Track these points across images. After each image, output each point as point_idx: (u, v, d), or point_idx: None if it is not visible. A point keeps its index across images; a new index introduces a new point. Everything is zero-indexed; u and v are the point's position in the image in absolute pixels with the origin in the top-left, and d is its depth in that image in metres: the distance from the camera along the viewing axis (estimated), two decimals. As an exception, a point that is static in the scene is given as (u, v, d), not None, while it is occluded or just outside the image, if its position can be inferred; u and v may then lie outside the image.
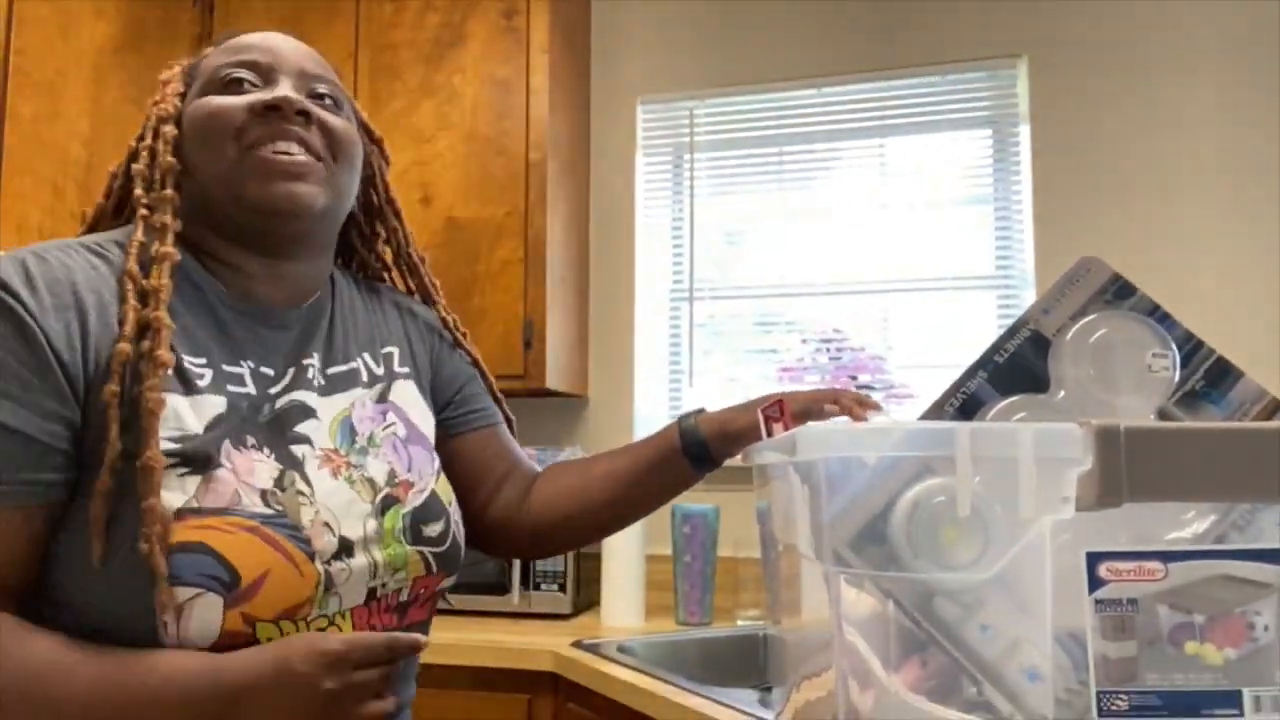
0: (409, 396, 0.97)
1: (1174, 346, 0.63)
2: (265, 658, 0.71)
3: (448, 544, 0.89)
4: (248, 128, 0.82)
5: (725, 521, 2.19)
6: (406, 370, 0.98)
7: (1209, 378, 0.65)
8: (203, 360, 0.80)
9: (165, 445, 0.73)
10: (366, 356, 0.95)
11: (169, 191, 0.83)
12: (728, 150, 2.64)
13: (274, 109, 0.83)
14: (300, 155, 0.83)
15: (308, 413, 0.85)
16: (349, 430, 0.87)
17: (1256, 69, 2.28)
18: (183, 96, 0.90)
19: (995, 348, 0.66)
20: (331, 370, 0.90)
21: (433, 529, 0.88)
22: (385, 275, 1.08)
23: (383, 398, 0.93)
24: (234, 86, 0.85)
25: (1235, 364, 0.65)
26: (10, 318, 0.72)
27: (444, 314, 1.07)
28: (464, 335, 1.08)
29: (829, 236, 2.56)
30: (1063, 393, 0.64)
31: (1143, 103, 2.34)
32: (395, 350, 0.98)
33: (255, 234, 0.85)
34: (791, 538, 0.71)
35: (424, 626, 0.90)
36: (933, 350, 2.42)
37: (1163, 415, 0.62)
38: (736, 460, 1.02)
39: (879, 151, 2.56)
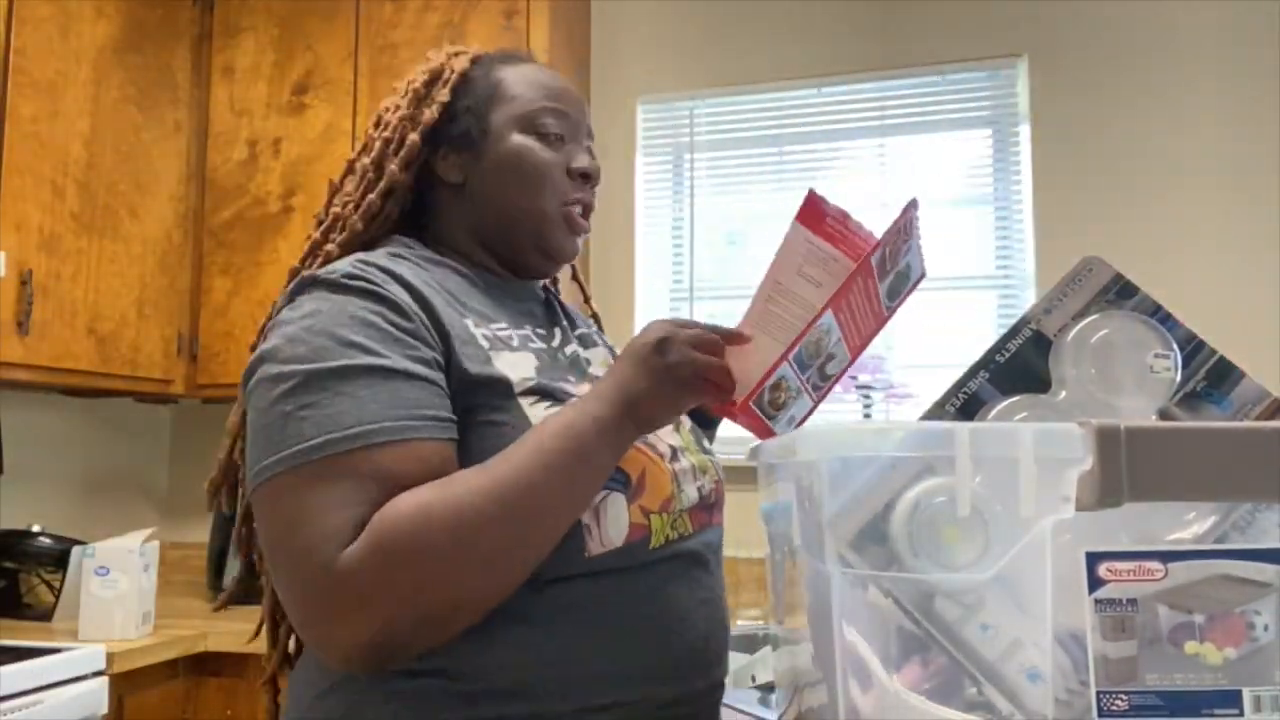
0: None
1: (1176, 347, 0.63)
2: (612, 368, 0.82)
3: (712, 455, 1.00)
4: (566, 189, 0.94)
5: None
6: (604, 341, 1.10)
7: (1211, 378, 0.65)
8: (503, 325, 0.90)
9: (523, 385, 0.83)
10: (580, 320, 1.08)
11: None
12: (728, 150, 2.64)
13: (586, 177, 0.96)
14: (585, 218, 0.97)
15: (585, 361, 0.98)
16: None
17: (1256, 69, 2.28)
18: (457, 91, 0.96)
19: (996, 347, 0.66)
20: (577, 331, 1.03)
21: (706, 440, 1.01)
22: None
23: (611, 352, 1.06)
24: (548, 136, 0.94)
25: (1237, 364, 0.65)
26: (368, 293, 0.81)
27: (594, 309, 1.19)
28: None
29: (829, 236, 2.56)
30: (1064, 393, 0.64)
31: (1143, 102, 2.34)
32: (594, 331, 1.10)
33: (524, 266, 0.97)
34: (793, 538, 0.71)
35: (721, 530, 0.97)
36: (933, 350, 2.42)
37: (1164, 416, 0.62)
38: (739, 459, 1.02)
39: (879, 151, 2.56)
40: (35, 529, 2.31)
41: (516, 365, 0.84)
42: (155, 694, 2.02)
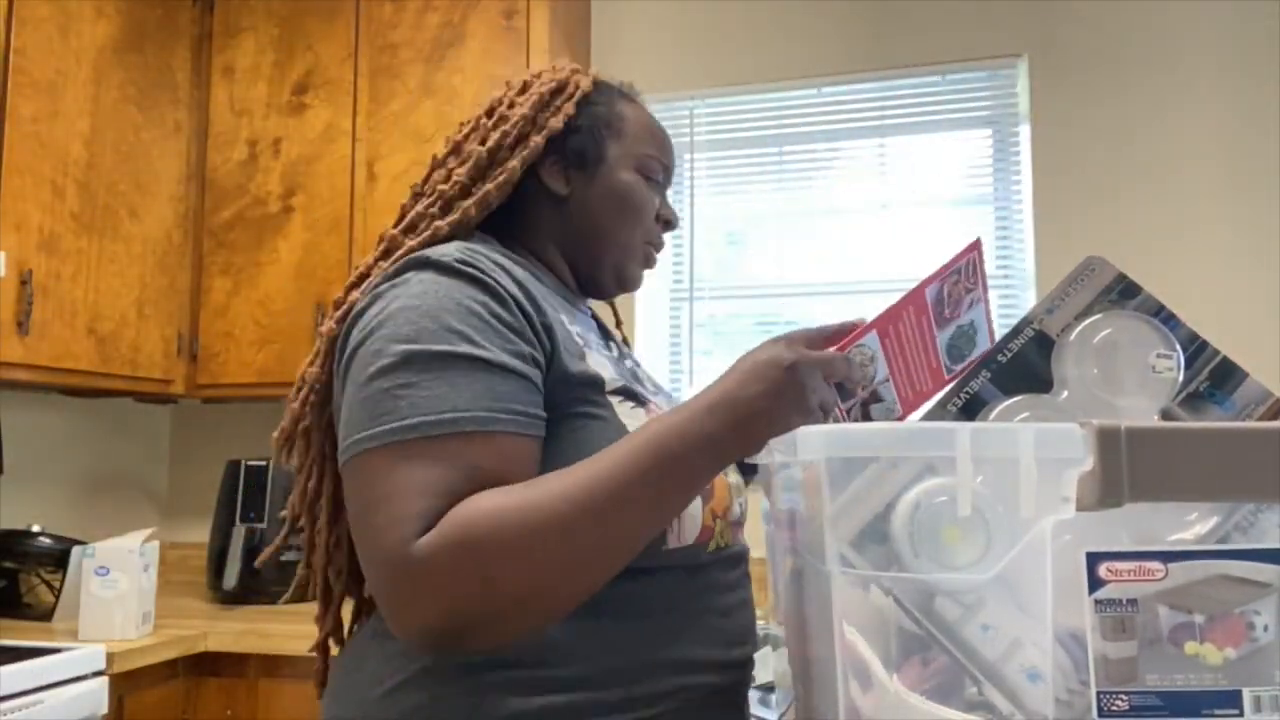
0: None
1: (1178, 347, 0.63)
2: (735, 365, 0.80)
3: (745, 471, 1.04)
4: (652, 231, 1.02)
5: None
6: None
7: (1213, 378, 0.65)
8: (579, 329, 0.92)
9: (613, 384, 0.86)
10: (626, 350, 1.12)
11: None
12: (728, 150, 2.64)
13: (669, 225, 1.04)
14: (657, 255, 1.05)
15: (640, 372, 1.03)
16: (654, 383, 1.06)
17: (1256, 68, 2.28)
18: (579, 108, 1.00)
19: (999, 347, 0.66)
20: (624, 351, 1.07)
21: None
22: None
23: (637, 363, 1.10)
24: (653, 182, 1.02)
25: (1240, 365, 0.65)
26: (477, 282, 0.82)
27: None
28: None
29: (829, 236, 2.56)
30: (1066, 393, 0.64)
31: (1143, 102, 2.34)
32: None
33: (594, 287, 1.03)
34: (793, 537, 0.71)
35: (747, 546, 0.99)
36: (933, 350, 2.41)
37: (1166, 416, 0.62)
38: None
39: (879, 151, 2.56)
40: (35, 529, 2.31)
41: (604, 366, 0.88)
42: (155, 694, 2.02)
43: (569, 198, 0.98)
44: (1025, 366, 0.66)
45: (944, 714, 0.53)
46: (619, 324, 1.19)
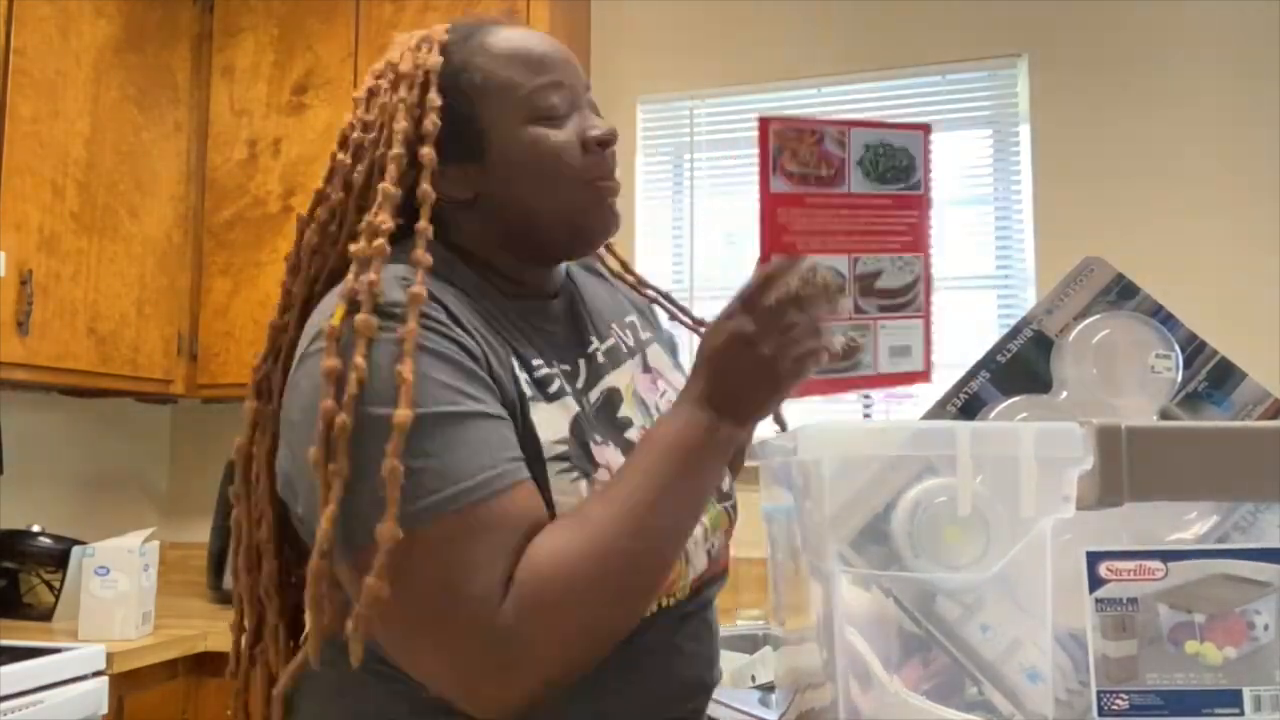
0: (663, 361, 0.99)
1: (1177, 347, 0.63)
2: (701, 357, 0.75)
3: (733, 497, 0.95)
4: (587, 166, 0.84)
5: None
6: (649, 335, 1.01)
7: (1212, 379, 0.65)
8: (540, 363, 0.83)
9: (553, 450, 0.78)
10: (616, 329, 0.97)
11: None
12: (728, 150, 2.64)
13: (604, 145, 0.85)
14: (612, 180, 0.87)
15: (618, 396, 0.89)
16: (641, 403, 0.91)
17: (1257, 68, 2.28)
18: (425, 96, 0.84)
19: (998, 347, 0.66)
20: (606, 344, 0.93)
21: (724, 485, 0.93)
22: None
23: (646, 366, 0.96)
24: (553, 117, 0.84)
25: (1238, 365, 0.65)
26: (440, 332, 0.75)
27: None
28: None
29: (829, 236, 2.56)
30: (1065, 393, 0.64)
31: (1143, 102, 2.34)
32: (634, 318, 1.01)
33: (566, 253, 0.89)
34: (794, 537, 0.71)
35: (725, 575, 0.94)
36: (933, 350, 2.41)
37: (1165, 416, 0.62)
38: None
39: (879, 151, 2.56)
40: (35, 529, 2.31)
41: (552, 421, 0.80)
42: (155, 694, 2.02)
43: (478, 198, 0.85)
44: (1024, 367, 0.66)
45: (944, 714, 0.53)
46: (625, 268, 1.06)
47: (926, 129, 0.84)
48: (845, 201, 0.81)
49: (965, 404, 0.66)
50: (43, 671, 1.73)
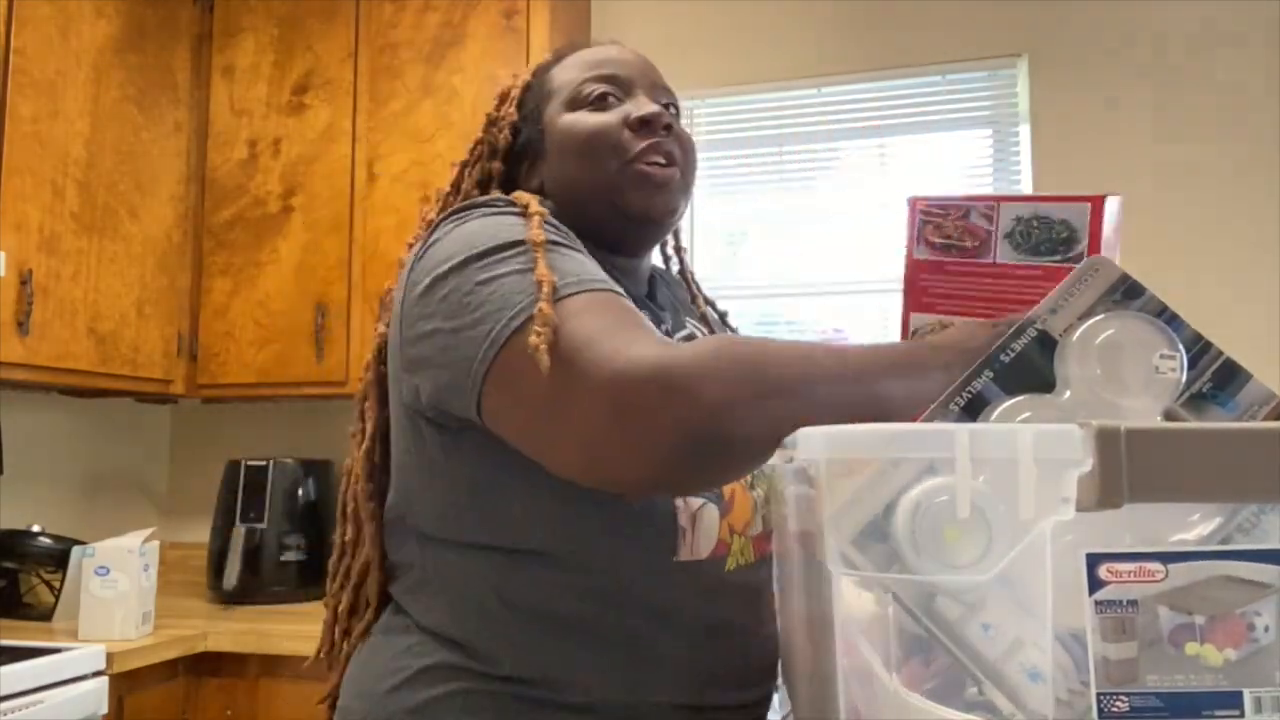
0: None
1: (1182, 348, 0.63)
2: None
3: None
4: (626, 143, 0.88)
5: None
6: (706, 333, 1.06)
7: (1217, 379, 0.65)
8: None
9: None
10: (690, 322, 1.02)
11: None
12: (728, 150, 2.64)
13: (647, 123, 0.88)
14: (668, 167, 0.90)
15: None
16: None
17: (1256, 68, 2.28)
18: (520, 105, 0.96)
19: (1001, 347, 0.66)
20: (678, 337, 0.97)
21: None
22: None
23: None
24: (600, 102, 0.90)
25: (1243, 366, 0.65)
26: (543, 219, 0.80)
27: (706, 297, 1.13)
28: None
29: (829, 236, 2.56)
30: (1069, 393, 0.64)
31: (1142, 102, 2.34)
32: (696, 321, 1.05)
33: (621, 238, 0.92)
34: (795, 536, 0.71)
35: (773, 556, 0.94)
36: (933, 350, 2.41)
37: (1169, 417, 0.62)
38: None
39: (879, 151, 2.57)
40: (35, 529, 2.31)
41: None
42: (155, 694, 2.02)
43: (543, 185, 0.93)
44: (1028, 367, 0.66)
45: (945, 714, 0.53)
46: (680, 262, 1.11)
47: (1095, 201, 0.86)
48: (989, 270, 0.83)
49: (968, 404, 0.66)
50: (43, 671, 1.73)
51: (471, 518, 0.82)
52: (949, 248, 0.82)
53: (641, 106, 0.89)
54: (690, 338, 0.96)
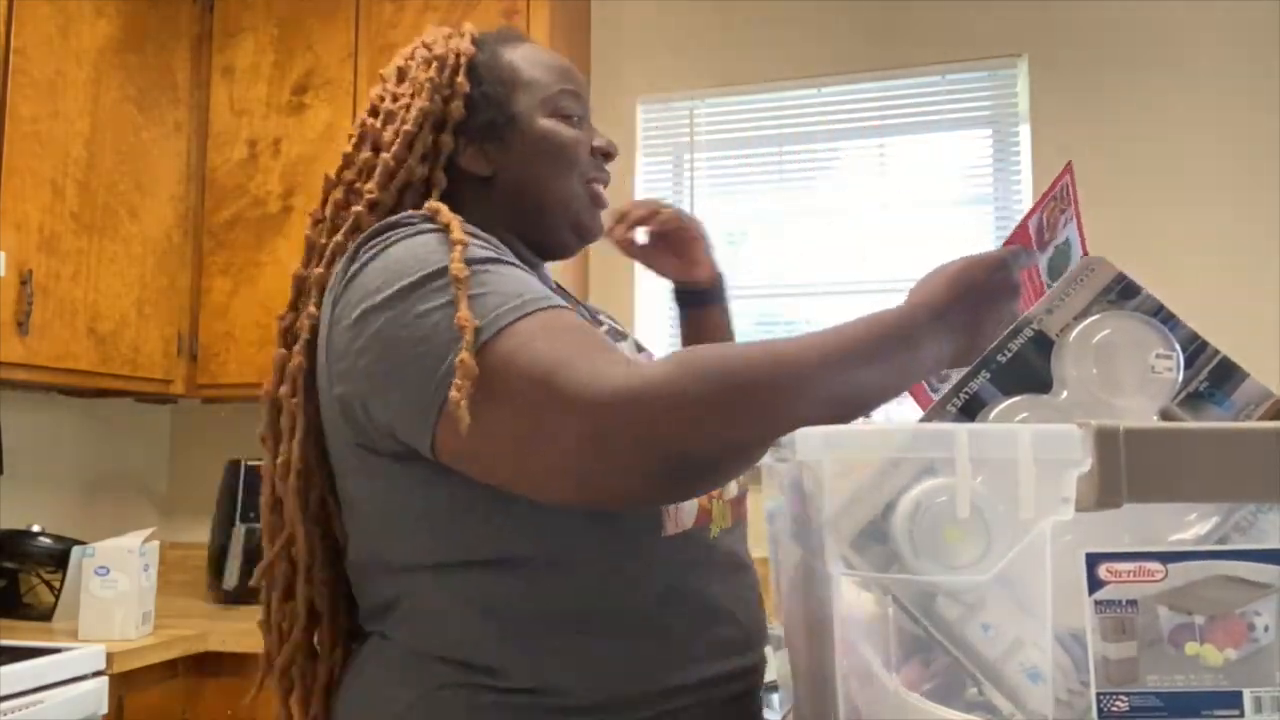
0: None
1: (1178, 347, 0.63)
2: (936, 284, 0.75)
3: None
4: (589, 168, 0.95)
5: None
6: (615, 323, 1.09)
7: (1213, 379, 0.65)
8: None
9: None
10: (603, 317, 1.05)
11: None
12: (728, 150, 2.64)
13: (607, 156, 0.97)
14: (603, 193, 0.98)
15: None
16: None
17: (1256, 68, 2.28)
18: (471, 79, 0.94)
19: (998, 347, 0.66)
20: (605, 327, 1.01)
21: None
22: None
23: (639, 348, 1.02)
24: (570, 118, 0.95)
25: (1239, 365, 0.65)
26: (469, 232, 0.80)
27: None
28: None
29: (829, 236, 2.56)
30: (1066, 393, 0.64)
31: (1143, 102, 2.34)
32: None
33: (557, 244, 0.96)
34: (794, 537, 0.71)
35: (746, 523, 0.95)
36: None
37: (1166, 416, 0.62)
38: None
39: (879, 151, 2.56)
40: (35, 529, 2.31)
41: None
42: (155, 694, 2.02)
43: (495, 175, 0.92)
44: (1024, 367, 0.66)
45: (944, 714, 0.53)
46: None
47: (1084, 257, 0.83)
48: (1033, 279, 0.83)
49: (965, 404, 0.66)
50: (43, 671, 1.73)
51: (448, 539, 0.80)
52: (1040, 235, 0.81)
53: (601, 138, 0.97)
54: (638, 346, 0.98)
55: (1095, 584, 0.50)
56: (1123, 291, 0.68)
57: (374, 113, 0.94)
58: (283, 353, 0.89)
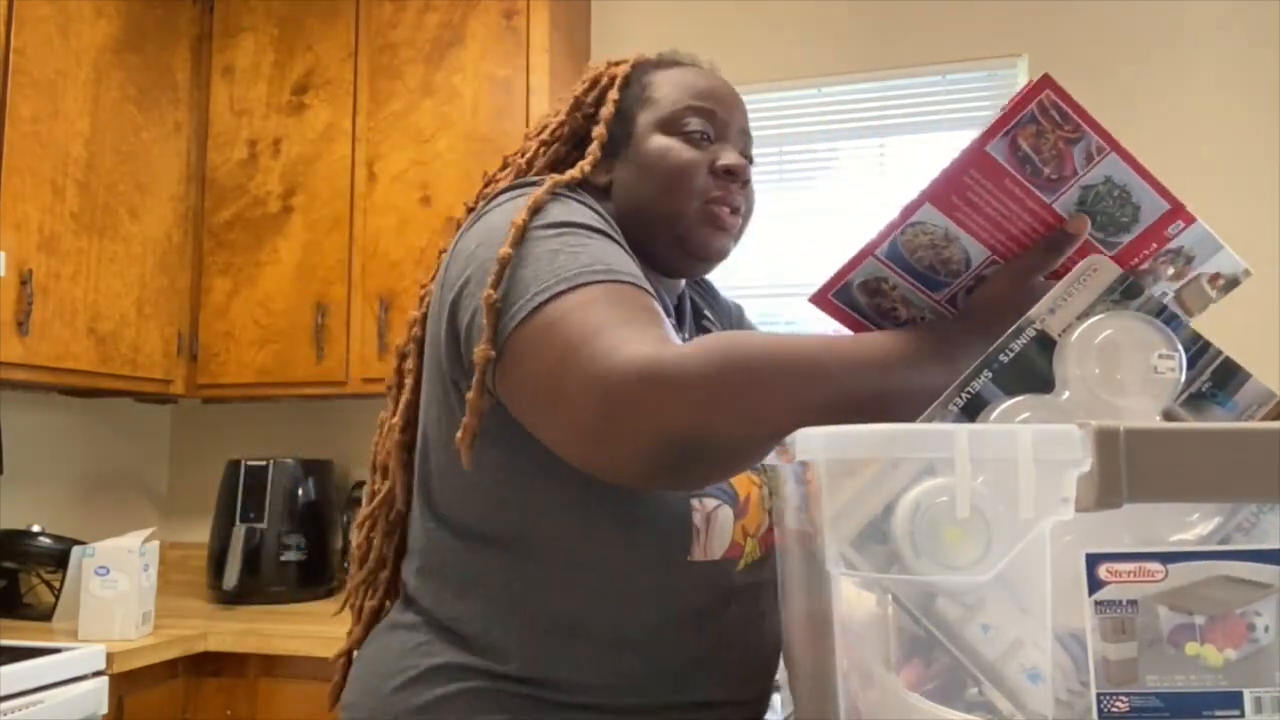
0: None
1: (1180, 347, 0.62)
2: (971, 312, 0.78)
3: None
4: (705, 185, 0.91)
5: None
6: None
7: (1216, 379, 0.65)
8: None
9: None
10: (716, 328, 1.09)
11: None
12: (728, 150, 2.64)
13: (731, 173, 0.93)
14: (733, 215, 0.95)
15: None
16: None
17: (1257, 68, 2.28)
18: (617, 102, 0.96)
19: (1000, 347, 0.66)
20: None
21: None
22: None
23: None
24: (691, 135, 0.92)
25: (1242, 365, 0.65)
26: (587, 205, 0.84)
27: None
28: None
29: (829, 236, 2.56)
30: (1068, 393, 0.64)
31: (1143, 102, 2.34)
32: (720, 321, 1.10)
33: (671, 264, 0.95)
34: (795, 537, 0.71)
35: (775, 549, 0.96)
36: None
37: (1168, 416, 0.62)
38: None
39: (879, 151, 2.56)
40: (35, 529, 2.31)
41: None
42: (155, 694, 2.02)
43: (611, 186, 0.93)
44: (1027, 367, 0.66)
45: (944, 714, 0.53)
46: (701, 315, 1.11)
47: (1176, 208, 0.78)
48: (1039, 212, 0.76)
49: (967, 404, 0.66)
50: (43, 671, 1.73)
51: (488, 502, 0.82)
52: (1026, 163, 0.74)
53: (727, 155, 0.93)
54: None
55: (1095, 584, 0.50)
56: (1125, 292, 0.67)
57: (540, 129, 0.98)
58: (413, 315, 0.93)
